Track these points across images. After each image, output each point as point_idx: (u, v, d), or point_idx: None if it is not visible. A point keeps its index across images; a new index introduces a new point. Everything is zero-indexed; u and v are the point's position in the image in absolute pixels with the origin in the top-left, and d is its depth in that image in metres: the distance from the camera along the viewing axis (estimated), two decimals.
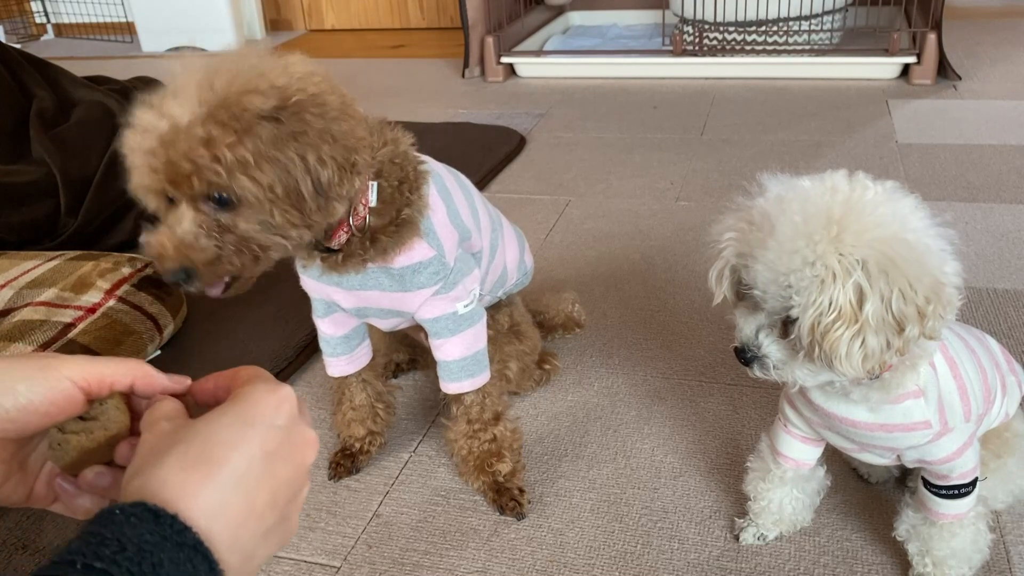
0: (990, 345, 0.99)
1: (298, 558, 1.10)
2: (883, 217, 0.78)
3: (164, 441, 0.46)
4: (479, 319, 1.13)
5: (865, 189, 0.81)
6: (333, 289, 1.08)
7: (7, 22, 4.81)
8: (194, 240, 0.85)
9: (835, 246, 0.75)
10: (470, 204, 1.15)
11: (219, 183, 0.82)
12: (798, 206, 0.78)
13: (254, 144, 0.81)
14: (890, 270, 0.75)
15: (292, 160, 0.83)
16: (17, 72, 2.18)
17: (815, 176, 0.84)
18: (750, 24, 3.05)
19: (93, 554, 0.38)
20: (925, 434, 0.88)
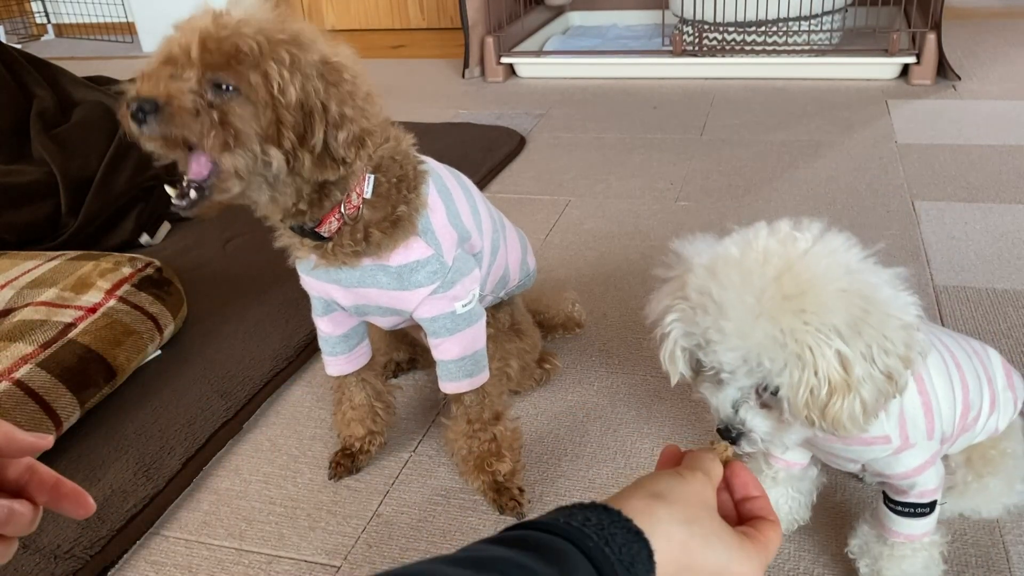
0: (989, 359, 0.97)
1: (298, 557, 1.10)
2: (830, 270, 0.73)
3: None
4: (478, 319, 1.13)
5: (796, 243, 0.75)
6: (332, 287, 1.08)
7: (7, 22, 4.81)
8: (179, 89, 0.85)
9: (800, 319, 0.70)
10: (471, 205, 1.15)
11: (237, 65, 0.85)
12: (738, 280, 0.72)
13: (294, 58, 0.87)
14: (862, 327, 0.71)
15: (316, 91, 0.89)
16: (18, 72, 2.18)
17: (735, 236, 0.78)
18: (750, 24, 3.05)
19: (567, 514, 0.51)
20: (884, 448, 0.87)
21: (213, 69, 0.86)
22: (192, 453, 1.28)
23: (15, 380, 1.29)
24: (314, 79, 0.89)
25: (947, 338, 0.95)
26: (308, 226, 1.00)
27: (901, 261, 1.70)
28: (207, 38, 0.86)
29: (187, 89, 0.85)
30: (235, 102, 0.86)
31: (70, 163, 1.99)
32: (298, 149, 0.90)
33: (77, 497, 0.56)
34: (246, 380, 1.44)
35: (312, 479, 1.24)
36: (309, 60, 0.89)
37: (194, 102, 0.85)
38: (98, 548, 1.11)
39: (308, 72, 0.89)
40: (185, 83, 0.86)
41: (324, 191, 0.97)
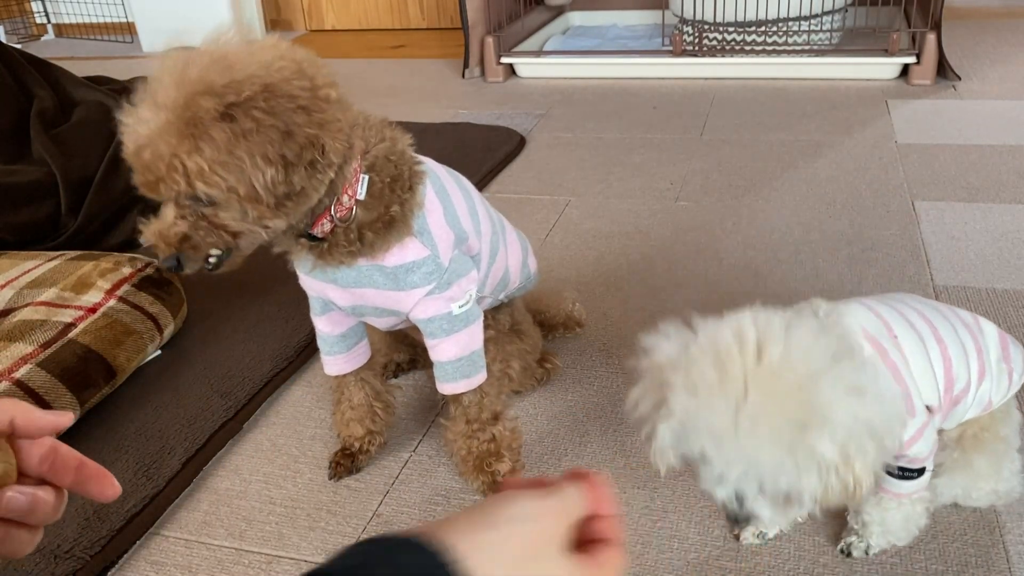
0: (981, 330, 0.97)
1: (298, 557, 1.10)
2: (816, 378, 0.70)
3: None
4: (475, 320, 1.13)
5: (770, 353, 0.70)
6: (329, 287, 1.08)
7: (7, 22, 4.81)
8: (181, 231, 0.93)
9: (805, 437, 0.69)
10: (470, 206, 1.15)
11: (183, 191, 0.89)
12: (725, 407, 0.69)
13: (211, 150, 0.86)
14: (870, 434, 0.71)
15: (242, 160, 0.87)
16: (18, 72, 2.18)
17: (702, 341, 0.75)
18: (750, 24, 3.05)
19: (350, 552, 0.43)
20: None
21: (176, 195, 0.91)
22: (192, 453, 1.28)
23: (15, 380, 1.29)
24: (232, 153, 0.86)
25: (931, 312, 0.95)
26: (301, 229, 1.01)
27: (901, 261, 1.70)
28: (145, 182, 0.91)
29: (175, 222, 0.92)
30: (217, 207, 0.91)
31: (70, 163, 1.99)
32: (282, 207, 0.92)
33: (102, 479, 0.54)
34: (246, 380, 1.44)
35: (312, 479, 1.24)
36: (221, 139, 0.85)
37: (184, 229, 0.93)
38: (98, 548, 1.11)
39: (223, 159, 0.86)
40: (169, 218, 0.93)
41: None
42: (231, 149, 0.86)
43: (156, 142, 0.87)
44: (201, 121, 0.86)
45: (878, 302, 0.93)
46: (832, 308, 0.88)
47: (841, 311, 0.88)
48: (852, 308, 0.90)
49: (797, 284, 1.66)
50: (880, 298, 0.96)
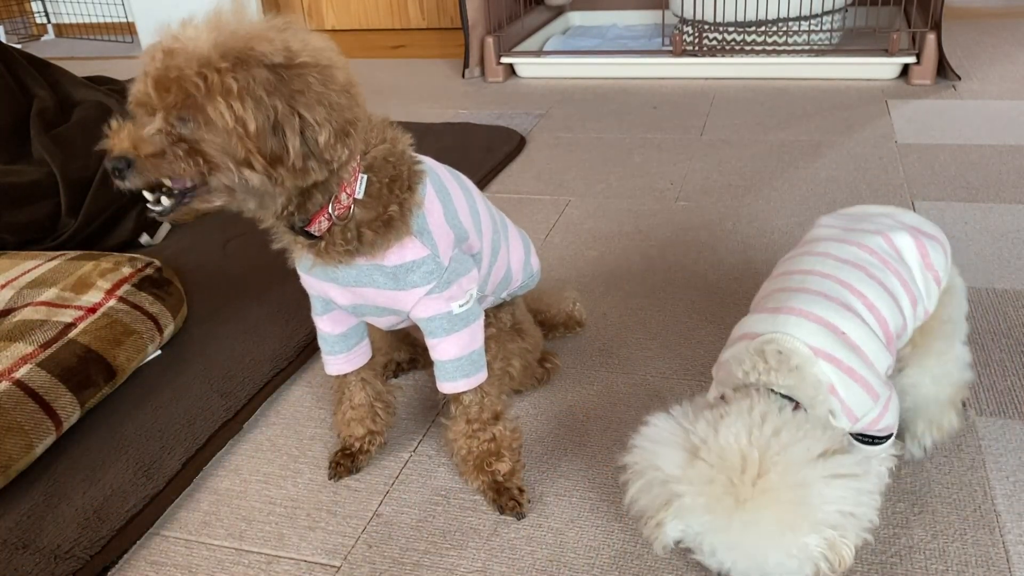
0: (902, 257, 1.04)
1: (298, 557, 1.10)
2: (815, 487, 0.81)
3: None
4: (475, 319, 1.13)
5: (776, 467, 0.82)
6: (329, 286, 1.09)
7: (7, 22, 4.81)
8: (143, 137, 0.88)
9: (800, 539, 0.80)
10: (470, 205, 1.15)
11: (195, 100, 0.86)
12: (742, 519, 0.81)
13: (245, 79, 0.86)
14: (851, 521, 0.82)
15: (276, 108, 0.87)
16: (18, 72, 2.18)
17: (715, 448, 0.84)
18: (750, 24, 3.05)
19: None
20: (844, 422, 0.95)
21: (174, 108, 0.88)
22: (192, 453, 1.28)
23: (15, 380, 1.29)
24: (271, 97, 0.87)
25: (856, 275, 0.99)
26: (298, 225, 1.01)
27: None
28: (159, 80, 0.87)
29: (152, 133, 0.88)
30: (204, 131, 0.88)
31: (70, 163, 1.99)
32: (273, 169, 0.90)
33: None
34: (246, 380, 1.44)
35: (312, 479, 1.24)
36: (260, 78, 0.86)
37: (160, 145, 0.88)
38: (98, 548, 1.11)
39: (261, 95, 0.86)
40: (151, 128, 0.88)
41: (306, 194, 0.98)
42: (270, 94, 0.86)
43: (192, 52, 0.85)
44: (248, 56, 0.86)
45: (812, 298, 0.96)
46: (780, 343, 0.92)
47: (792, 346, 0.92)
48: (796, 328, 0.93)
49: None
50: (806, 278, 1.00)
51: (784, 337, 0.92)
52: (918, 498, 1.11)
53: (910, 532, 1.06)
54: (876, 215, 1.11)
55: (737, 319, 1.56)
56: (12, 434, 1.23)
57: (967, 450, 1.19)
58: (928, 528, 1.06)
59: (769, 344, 0.92)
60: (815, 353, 0.91)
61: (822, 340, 0.92)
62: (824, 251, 1.03)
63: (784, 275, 1.03)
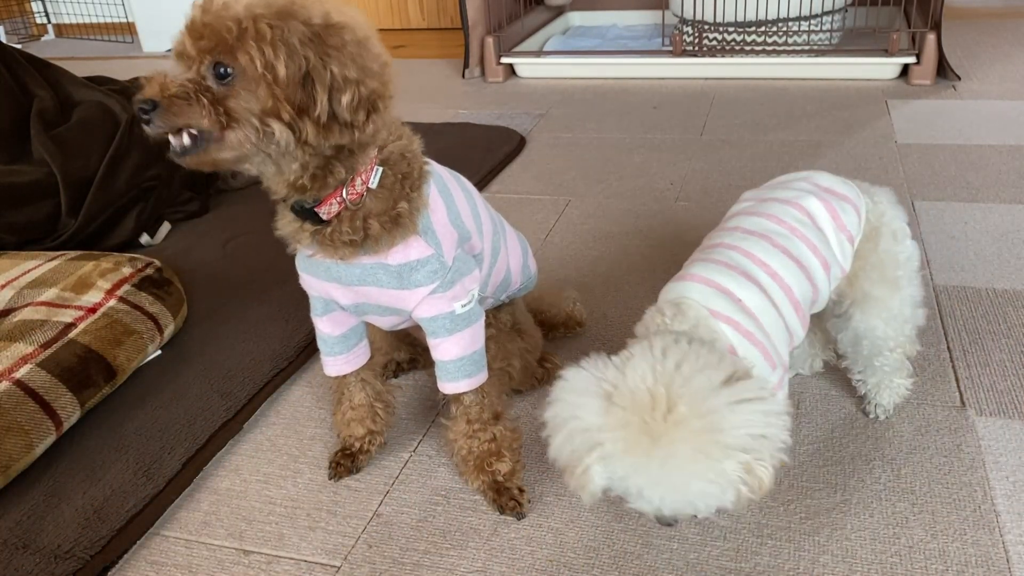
0: (816, 223, 1.08)
1: (298, 557, 1.10)
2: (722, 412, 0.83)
3: None
4: (477, 319, 1.13)
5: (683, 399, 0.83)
6: (331, 285, 1.08)
7: (7, 22, 4.81)
8: (172, 82, 0.90)
9: (718, 465, 0.82)
10: (472, 207, 1.16)
11: (227, 42, 0.87)
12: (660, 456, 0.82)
13: (281, 30, 0.87)
14: (764, 442, 0.84)
15: (308, 59, 0.88)
16: (18, 72, 2.18)
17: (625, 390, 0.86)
18: (750, 24, 3.05)
19: None
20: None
21: (208, 55, 0.89)
22: (192, 453, 1.28)
23: (15, 380, 1.29)
24: (304, 48, 0.88)
25: (762, 246, 1.03)
26: (308, 204, 1.00)
27: None
28: (194, 27, 0.89)
29: (182, 81, 0.90)
30: (234, 83, 0.89)
31: (70, 163, 1.99)
32: (298, 120, 0.91)
33: None
34: (246, 380, 1.44)
35: (312, 479, 1.24)
36: (296, 29, 0.88)
37: (185, 91, 0.90)
38: (98, 548, 1.11)
39: (294, 44, 0.88)
40: (183, 75, 0.90)
41: (328, 167, 0.97)
42: (305, 47, 0.88)
43: (234, 4, 0.88)
44: (288, 11, 0.88)
45: (713, 267, 1.01)
46: (680, 304, 0.98)
47: (690, 304, 0.97)
48: (695, 292, 0.98)
49: None
50: (713, 250, 1.05)
51: (683, 299, 0.98)
52: (918, 498, 1.11)
53: (910, 532, 1.06)
54: (793, 180, 1.16)
55: None
56: (12, 434, 1.23)
57: (967, 450, 1.19)
58: (928, 528, 1.06)
59: (668, 304, 0.98)
60: (713, 315, 0.95)
61: (720, 304, 0.97)
62: (735, 225, 1.09)
63: (698, 250, 1.09)
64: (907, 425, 1.25)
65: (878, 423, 1.25)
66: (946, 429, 1.23)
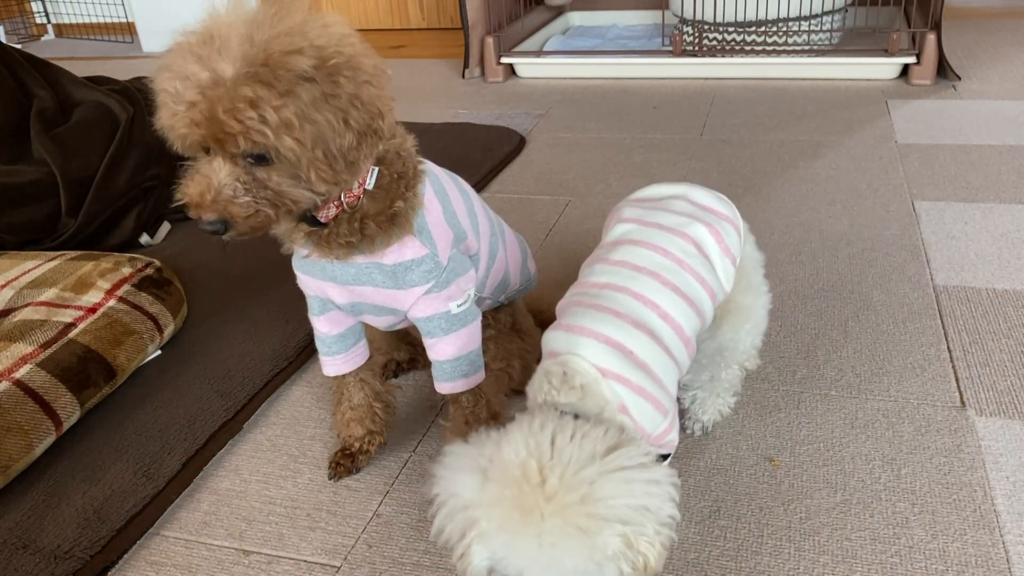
0: (704, 251, 1.06)
1: (298, 558, 1.10)
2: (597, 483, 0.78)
3: None
4: (473, 319, 1.13)
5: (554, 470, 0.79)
6: (328, 285, 1.08)
7: (7, 22, 4.81)
8: (233, 194, 0.89)
9: (595, 540, 0.76)
10: (468, 207, 1.16)
11: (265, 143, 0.85)
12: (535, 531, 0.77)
13: (296, 106, 0.84)
14: (645, 515, 0.79)
15: (327, 121, 0.86)
16: (18, 72, 2.18)
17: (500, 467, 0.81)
18: (750, 24, 3.05)
19: None
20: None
21: (237, 152, 0.87)
22: (192, 453, 1.28)
23: (15, 380, 1.29)
24: (321, 112, 0.86)
25: (652, 285, 1.00)
26: (307, 213, 1.00)
27: (901, 261, 1.70)
28: (210, 121, 0.84)
29: (239, 191, 0.89)
30: (275, 169, 0.88)
31: (70, 163, 1.99)
32: (336, 172, 0.90)
33: None
34: (246, 380, 1.44)
35: (312, 479, 1.24)
36: (308, 99, 0.85)
37: (253, 202, 0.89)
38: (98, 548, 1.11)
39: (314, 117, 0.85)
40: (223, 174, 0.88)
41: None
42: (318, 109, 0.86)
43: (237, 93, 0.83)
44: (287, 77, 0.84)
45: (602, 317, 0.96)
46: (568, 365, 0.92)
47: (579, 367, 0.92)
48: (585, 349, 0.93)
49: (797, 284, 1.66)
50: (601, 293, 1.00)
51: (573, 358, 0.93)
52: (918, 498, 1.11)
53: (910, 532, 1.06)
54: (670, 199, 1.13)
55: None
56: (12, 434, 1.23)
57: (967, 450, 1.19)
58: (928, 528, 1.06)
59: (556, 366, 0.93)
60: (604, 374, 0.91)
61: (611, 362, 0.92)
62: (621, 259, 1.04)
63: (583, 285, 1.03)
64: (907, 425, 1.25)
65: (878, 423, 1.25)
66: (946, 429, 1.23)
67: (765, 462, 1.20)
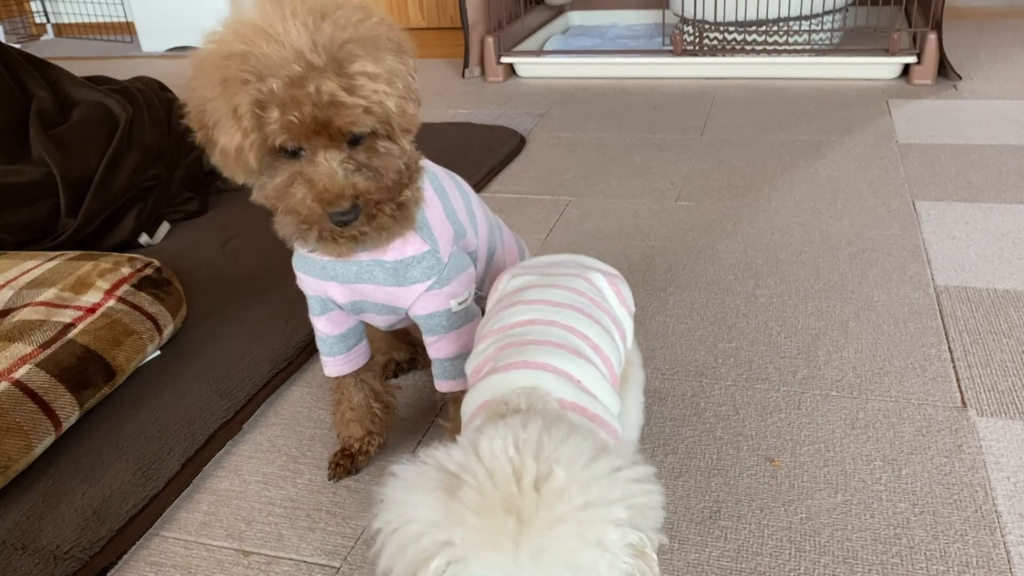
0: (605, 299, 1.03)
1: (298, 558, 1.10)
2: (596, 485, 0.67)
3: None
4: (473, 317, 1.13)
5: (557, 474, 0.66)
6: (329, 284, 1.08)
7: (7, 22, 4.81)
8: (357, 179, 0.90)
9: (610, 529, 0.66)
10: (467, 204, 1.16)
11: (383, 112, 0.86)
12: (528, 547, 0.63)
13: (387, 66, 0.86)
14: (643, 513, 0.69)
15: (408, 75, 0.89)
16: (17, 72, 2.18)
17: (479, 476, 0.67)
18: (750, 24, 3.05)
19: None
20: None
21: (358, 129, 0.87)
22: (191, 453, 1.28)
23: (14, 380, 1.29)
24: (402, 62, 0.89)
25: (579, 322, 0.94)
26: None
27: (902, 261, 1.70)
28: (328, 109, 0.84)
29: (357, 176, 0.89)
30: (368, 146, 0.90)
31: (70, 163, 1.99)
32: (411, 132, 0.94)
33: None
34: (246, 380, 1.44)
35: (312, 480, 1.24)
36: (391, 57, 0.88)
37: (374, 181, 0.91)
38: (97, 549, 1.11)
39: (402, 73, 0.89)
40: (336, 163, 0.88)
41: None
42: (400, 64, 0.88)
43: (344, 70, 0.83)
44: (371, 45, 0.85)
45: (543, 349, 0.89)
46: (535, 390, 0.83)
47: (544, 393, 0.83)
48: (545, 381, 0.85)
49: (798, 284, 1.65)
50: (528, 329, 0.92)
51: (534, 388, 0.83)
52: (919, 499, 1.11)
53: (911, 533, 1.06)
54: (561, 263, 1.09)
55: (738, 319, 1.56)
56: (11, 434, 1.23)
57: (968, 451, 1.18)
58: (929, 529, 1.06)
59: (515, 395, 0.82)
60: (563, 405, 0.83)
61: (566, 391, 0.85)
62: (536, 298, 0.97)
63: (500, 332, 0.94)
64: (908, 426, 1.24)
65: (879, 424, 1.25)
66: (947, 430, 1.23)
67: (766, 462, 1.20)
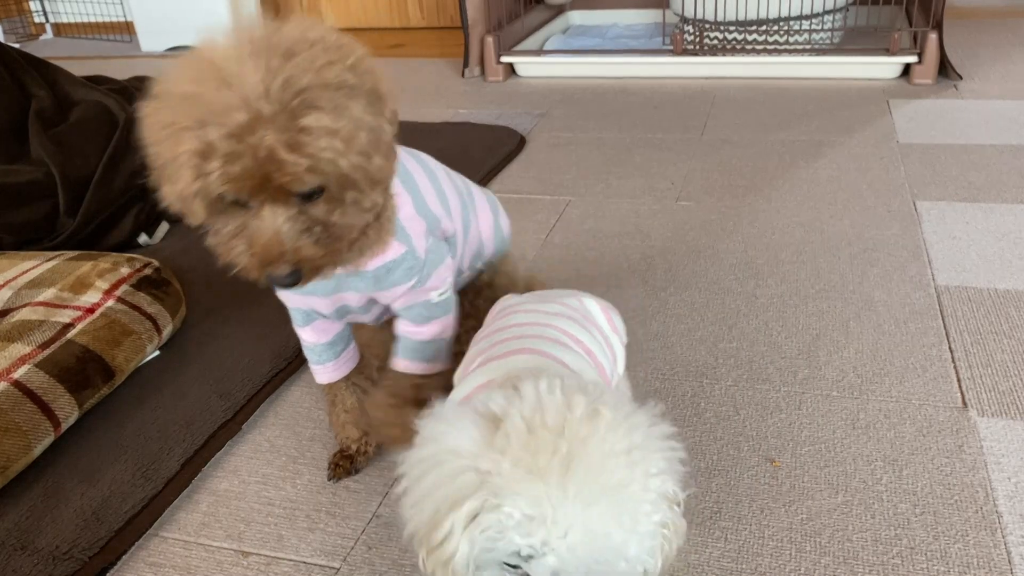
0: (591, 315, 1.01)
1: (297, 559, 1.10)
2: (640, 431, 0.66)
3: None
4: (451, 308, 1.13)
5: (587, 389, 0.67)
6: (311, 297, 1.08)
7: (6, 22, 4.81)
8: (300, 238, 0.82)
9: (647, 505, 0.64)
10: (436, 188, 1.13)
11: (333, 170, 0.78)
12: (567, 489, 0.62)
13: (348, 118, 0.79)
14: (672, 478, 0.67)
15: (376, 123, 0.82)
16: (16, 72, 2.17)
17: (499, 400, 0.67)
18: (751, 24, 3.05)
19: None
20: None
21: (304, 187, 0.80)
22: (191, 454, 1.28)
23: (13, 380, 1.28)
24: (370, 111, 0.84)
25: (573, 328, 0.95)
26: None
27: (902, 261, 1.70)
28: (267, 164, 0.77)
29: (304, 237, 0.82)
30: (327, 200, 0.83)
31: (69, 163, 1.99)
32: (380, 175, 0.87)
33: None
34: (245, 381, 1.44)
35: (311, 480, 1.24)
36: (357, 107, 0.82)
37: (320, 245, 0.83)
38: (96, 549, 1.11)
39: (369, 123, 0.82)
40: (293, 227, 0.81)
41: None
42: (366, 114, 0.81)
43: (291, 124, 0.75)
44: (330, 94, 0.78)
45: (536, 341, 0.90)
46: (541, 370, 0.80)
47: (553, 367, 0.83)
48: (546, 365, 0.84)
49: (798, 284, 1.65)
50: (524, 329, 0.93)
51: (538, 367, 0.81)
52: (919, 499, 1.11)
53: (912, 533, 1.06)
54: (555, 292, 1.08)
55: (738, 319, 1.56)
56: (10, 435, 1.23)
57: (968, 451, 1.18)
58: (930, 529, 1.06)
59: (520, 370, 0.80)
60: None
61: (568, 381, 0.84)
62: (532, 308, 0.98)
63: (495, 333, 0.94)
64: (909, 426, 1.24)
65: (879, 424, 1.25)
66: (948, 430, 1.23)
67: (766, 463, 1.20)
